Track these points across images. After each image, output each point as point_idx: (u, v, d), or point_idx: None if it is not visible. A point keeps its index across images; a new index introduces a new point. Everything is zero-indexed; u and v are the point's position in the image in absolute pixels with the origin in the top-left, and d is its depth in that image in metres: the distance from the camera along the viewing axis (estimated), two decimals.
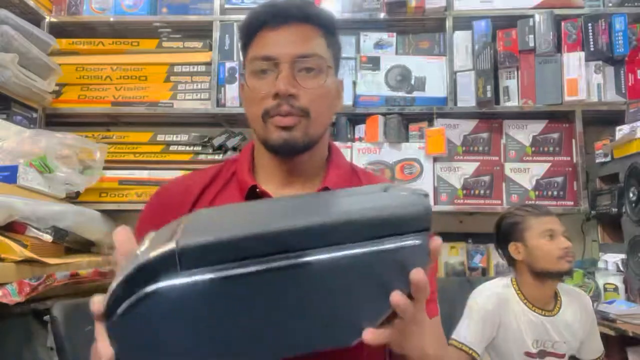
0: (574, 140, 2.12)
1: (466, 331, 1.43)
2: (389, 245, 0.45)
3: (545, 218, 1.47)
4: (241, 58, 2.17)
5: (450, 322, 1.48)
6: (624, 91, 2.08)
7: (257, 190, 0.76)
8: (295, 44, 0.72)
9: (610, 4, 2.16)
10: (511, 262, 1.53)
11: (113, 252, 0.46)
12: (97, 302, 0.41)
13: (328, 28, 0.77)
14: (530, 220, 1.47)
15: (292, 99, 0.71)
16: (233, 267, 0.41)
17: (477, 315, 1.44)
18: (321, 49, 0.75)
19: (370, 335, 0.47)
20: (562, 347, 1.46)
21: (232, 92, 2.14)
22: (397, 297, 0.46)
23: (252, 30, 0.75)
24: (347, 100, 2.13)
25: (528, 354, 1.45)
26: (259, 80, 0.73)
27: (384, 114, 2.14)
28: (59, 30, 2.23)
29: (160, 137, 2.16)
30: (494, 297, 1.47)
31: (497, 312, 1.45)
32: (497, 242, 1.58)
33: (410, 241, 0.45)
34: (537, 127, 2.16)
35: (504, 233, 1.53)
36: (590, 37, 2.09)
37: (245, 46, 0.77)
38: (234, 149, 2.11)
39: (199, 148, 2.15)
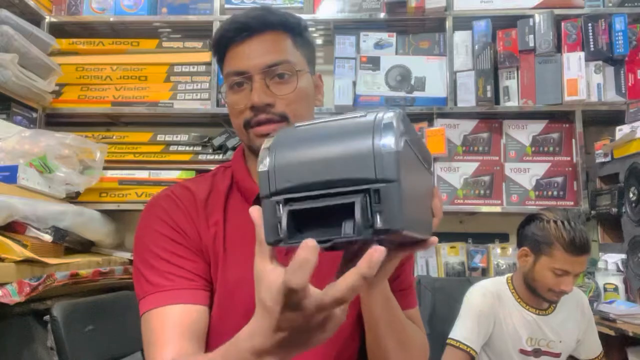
0: (574, 140, 2.12)
1: (462, 329, 1.43)
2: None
3: (571, 258, 1.35)
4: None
5: (450, 322, 1.48)
6: (624, 91, 2.08)
7: None
8: (263, 55, 0.75)
9: (610, 4, 2.17)
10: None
11: None
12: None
13: (293, 29, 0.79)
14: (556, 250, 1.36)
15: (269, 107, 0.74)
16: (416, 150, 0.49)
17: (473, 313, 1.45)
18: (289, 53, 0.77)
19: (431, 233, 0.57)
20: (557, 346, 1.46)
21: None
22: (438, 203, 0.58)
23: (222, 47, 0.78)
24: (347, 100, 2.13)
25: (523, 351, 1.45)
26: (235, 94, 0.77)
27: None
28: (59, 30, 2.23)
29: (160, 137, 2.16)
30: (489, 294, 1.47)
31: (492, 309, 1.45)
32: (519, 228, 1.51)
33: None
34: (537, 127, 2.16)
35: (528, 232, 1.45)
36: (590, 37, 2.09)
37: (220, 62, 0.81)
38: (234, 149, 2.11)
39: (199, 148, 2.15)
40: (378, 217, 0.41)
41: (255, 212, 0.47)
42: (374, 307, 0.68)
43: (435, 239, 0.55)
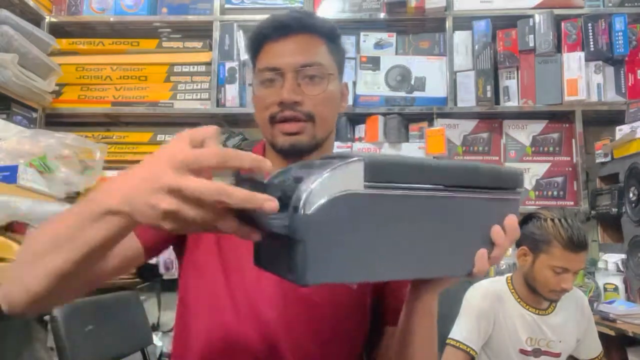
0: (574, 140, 2.12)
1: (463, 329, 1.43)
2: (503, 195, 0.58)
3: (570, 255, 1.34)
4: (241, 57, 2.18)
5: (450, 322, 1.48)
6: (624, 91, 2.08)
7: None
8: (297, 54, 0.77)
9: (610, 4, 2.17)
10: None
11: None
12: (271, 202, 0.43)
13: (329, 36, 0.81)
14: (554, 247, 1.35)
15: (297, 105, 0.76)
16: (407, 189, 0.49)
17: (473, 313, 1.44)
18: (322, 56, 0.79)
19: (483, 262, 0.56)
20: (557, 346, 1.46)
21: (232, 92, 2.14)
22: (498, 229, 0.57)
23: (258, 43, 0.80)
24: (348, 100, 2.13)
25: (523, 351, 1.45)
26: (266, 89, 0.78)
27: (384, 114, 2.14)
28: (59, 30, 2.23)
29: (160, 137, 2.17)
30: (489, 295, 1.47)
31: (491, 309, 1.45)
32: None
33: (516, 196, 0.59)
34: (537, 127, 2.16)
35: (526, 231, 1.43)
36: (590, 37, 2.09)
37: (253, 58, 0.82)
38: (234, 149, 2.11)
39: None
40: (294, 268, 0.45)
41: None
42: (414, 317, 0.69)
43: (476, 273, 0.57)
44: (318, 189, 0.44)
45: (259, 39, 0.80)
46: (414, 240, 0.51)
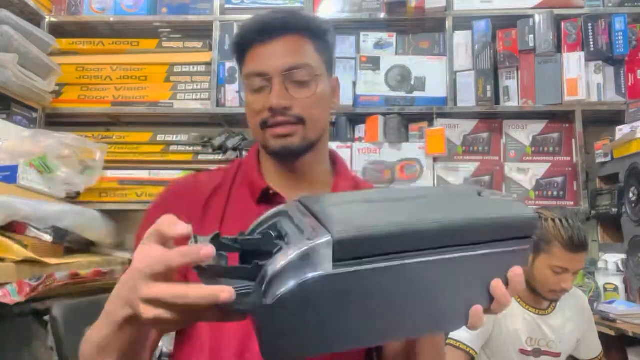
0: (574, 140, 2.12)
1: (462, 330, 1.43)
2: (508, 248, 0.50)
3: (570, 255, 1.34)
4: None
5: None
6: (624, 91, 2.08)
7: (270, 192, 0.79)
8: (283, 57, 0.75)
9: (610, 4, 2.16)
10: None
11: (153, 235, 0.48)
12: (225, 292, 0.42)
13: (315, 33, 0.79)
14: (555, 247, 1.35)
15: (286, 110, 0.75)
16: (382, 261, 0.44)
17: None
18: (310, 57, 0.77)
19: (478, 318, 0.52)
20: (557, 346, 1.46)
21: (232, 92, 2.14)
22: (499, 284, 0.51)
23: (243, 47, 0.79)
24: (347, 100, 2.13)
25: (523, 351, 1.45)
26: (254, 95, 0.77)
27: (384, 114, 2.14)
28: (59, 30, 2.23)
29: (160, 137, 2.16)
30: None
31: None
32: None
33: (525, 246, 0.51)
34: (537, 127, 2.16)
35: None
36: (590, 37, 2.09)
37: (240, 62, 0.81)
38: (234, 149, 2.11)
39: (199, 148, 2.15)
40: (262, 346, 0.45)
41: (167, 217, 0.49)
42: (418, 342, 0.68)
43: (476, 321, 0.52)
44: (283, 272, 0.42)
45: (244, 43, 0.78)
46: (397, 307, 0.47)
